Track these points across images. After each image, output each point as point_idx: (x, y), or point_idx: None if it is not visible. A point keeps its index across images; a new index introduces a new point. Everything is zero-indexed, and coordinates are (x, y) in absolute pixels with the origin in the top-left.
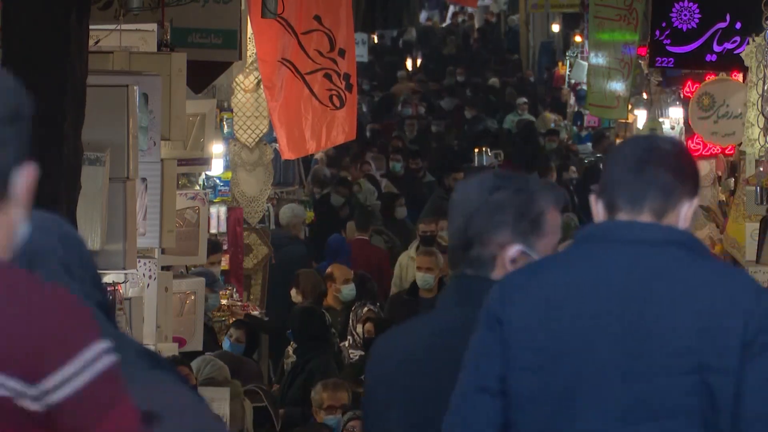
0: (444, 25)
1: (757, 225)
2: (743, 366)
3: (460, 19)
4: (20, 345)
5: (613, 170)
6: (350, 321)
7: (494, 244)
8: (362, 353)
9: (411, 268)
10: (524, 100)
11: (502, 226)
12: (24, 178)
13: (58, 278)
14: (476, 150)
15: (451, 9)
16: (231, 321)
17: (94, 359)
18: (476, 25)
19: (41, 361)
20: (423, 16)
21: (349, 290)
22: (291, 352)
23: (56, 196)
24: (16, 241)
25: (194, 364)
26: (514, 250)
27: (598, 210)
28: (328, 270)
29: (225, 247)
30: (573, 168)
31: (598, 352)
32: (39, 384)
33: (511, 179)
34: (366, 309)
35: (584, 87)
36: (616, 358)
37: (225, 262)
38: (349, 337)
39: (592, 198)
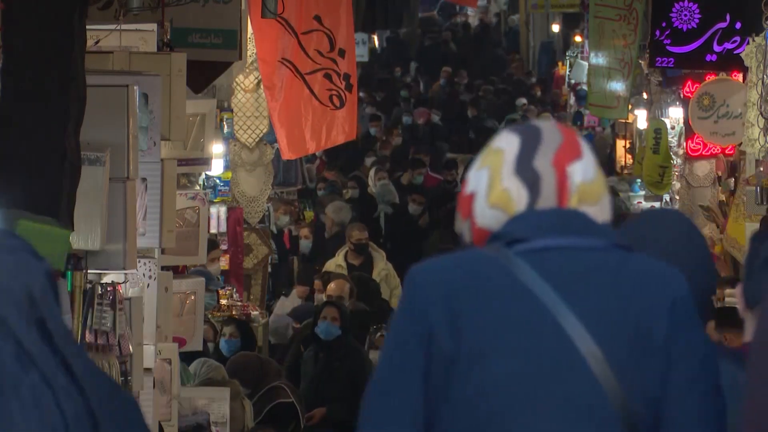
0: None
1: (757, 225)
2: None
3: (458, 19)
4: None
5: None
6: (365, 346)
7: None
8: None
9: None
10: (524, 101)
11: None
12: None
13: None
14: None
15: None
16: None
17: None
18: (473, 25)
19: None
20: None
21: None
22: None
23: (56, 196)
24: None
25: (191, 367)
26: None
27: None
28: (330, 285)
29: (225, 247)
30: None
31: None
32: None
33: None
34: (378, 335)
35: (584, 87)
36: None
37: (225, 262)
38: None
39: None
